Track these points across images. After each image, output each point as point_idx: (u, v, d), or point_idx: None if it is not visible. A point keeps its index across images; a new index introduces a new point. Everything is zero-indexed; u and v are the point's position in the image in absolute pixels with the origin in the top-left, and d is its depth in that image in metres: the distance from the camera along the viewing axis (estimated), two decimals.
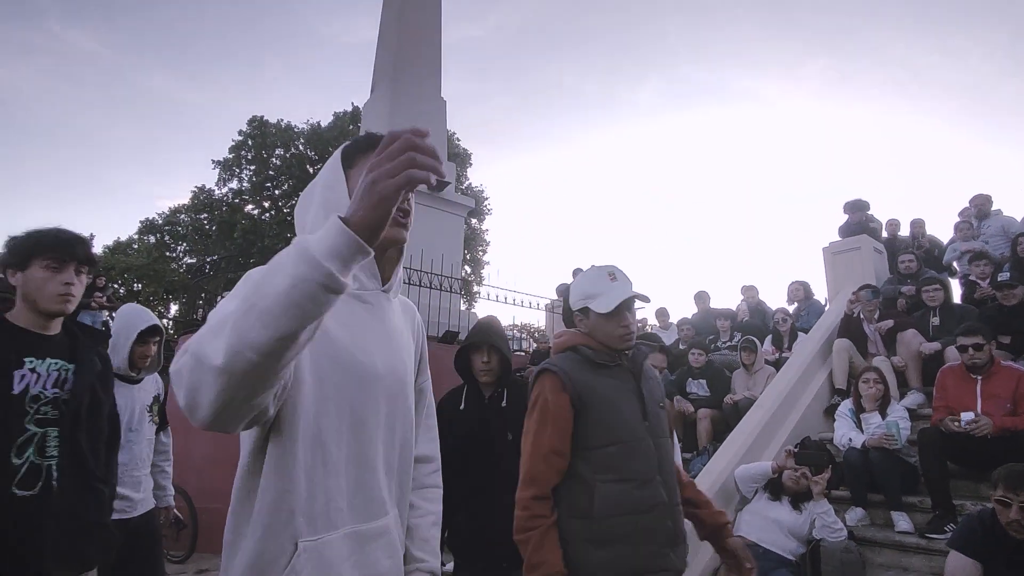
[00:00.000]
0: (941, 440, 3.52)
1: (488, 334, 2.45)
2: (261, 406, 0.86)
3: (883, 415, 3.94)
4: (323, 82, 44.56)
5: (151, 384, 2.80)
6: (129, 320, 2.61)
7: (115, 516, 2.40)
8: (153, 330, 2.63)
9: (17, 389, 1.66)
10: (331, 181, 1.14)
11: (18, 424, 1.64)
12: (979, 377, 3.71)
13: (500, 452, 2.33)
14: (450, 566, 2.64)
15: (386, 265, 1.17)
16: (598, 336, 1.84)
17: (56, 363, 1.76)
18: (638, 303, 1.91)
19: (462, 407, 2.45)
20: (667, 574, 1.68)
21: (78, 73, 40.94)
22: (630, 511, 1.67)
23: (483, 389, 2.49)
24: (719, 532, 1.89)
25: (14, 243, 1.76)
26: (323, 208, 1.12)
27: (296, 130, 22.91)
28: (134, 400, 2.63)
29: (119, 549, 2.40)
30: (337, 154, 1.17)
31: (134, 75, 41.61)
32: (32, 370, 1.70)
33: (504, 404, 2.44)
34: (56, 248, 1.73)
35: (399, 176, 0.76)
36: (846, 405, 4.24)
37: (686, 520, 1.87)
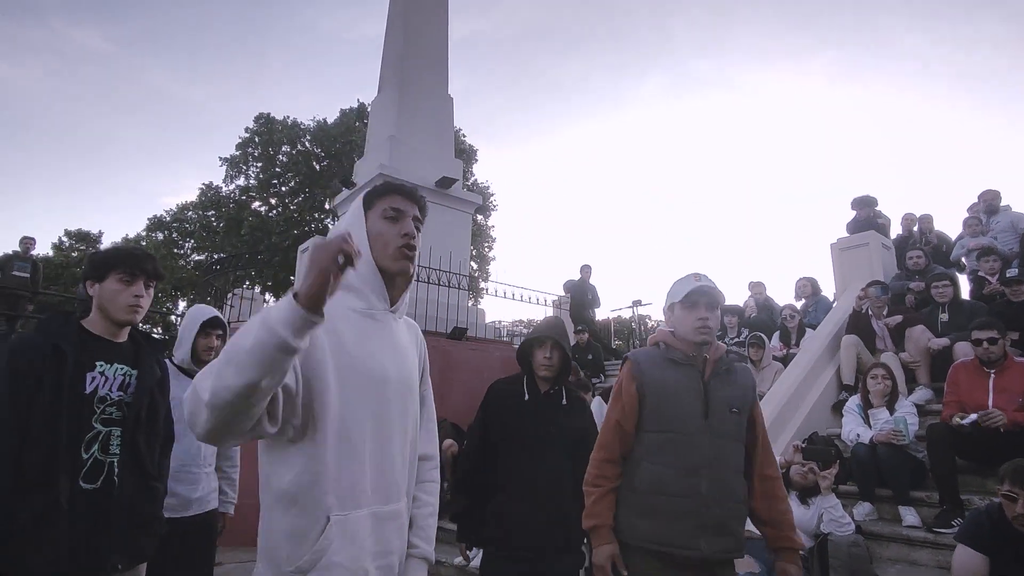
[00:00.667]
0: (950, 435, 3.53)
1: (552, 330, 2.53)
2: (245, 429, 1.09)
3: (891, 411, 3.96)
4: (329, 79, 44.69)
5: None
6: (193, 315, 2.71)
7: (166, 514, 2.43)
8: (215, 322, 2.70)
9: (88, 389, 1.81)
10: (352, 221, 1.39)
11: (87, 422, 1.79)
12: (992, 372, 3.72)
13: (549, 447, 2.39)
14: (476, 561, 2.69)
15: (395, 291, 1.40)
16: (679, 329, 2.06)
17: (122, 368, 1.90)
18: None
19: (526, 397, 2.48)
20: (691, 552, 1.85)
21: (82, 71, 41.25)
22: (666, 493, 1.89)
23: (540, 384, 2.52)
24: (776, 553, 2.05)
25: (94, 258, 1.96)
26: None
27: (302, 127, 22.95)
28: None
29: (170, 548, 2.39)
30: (359, 200, 1.43)
31: (138, 73, 41.91)
32: (101, 373, 1.85)
33: (564, 402, 2.51)
34: (129, 263, 1.90)
35: (315, 268, 1.03)
36: (854, 401, 4.25)
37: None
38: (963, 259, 6.46)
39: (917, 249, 6.35)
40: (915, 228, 7.48)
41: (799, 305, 6.85)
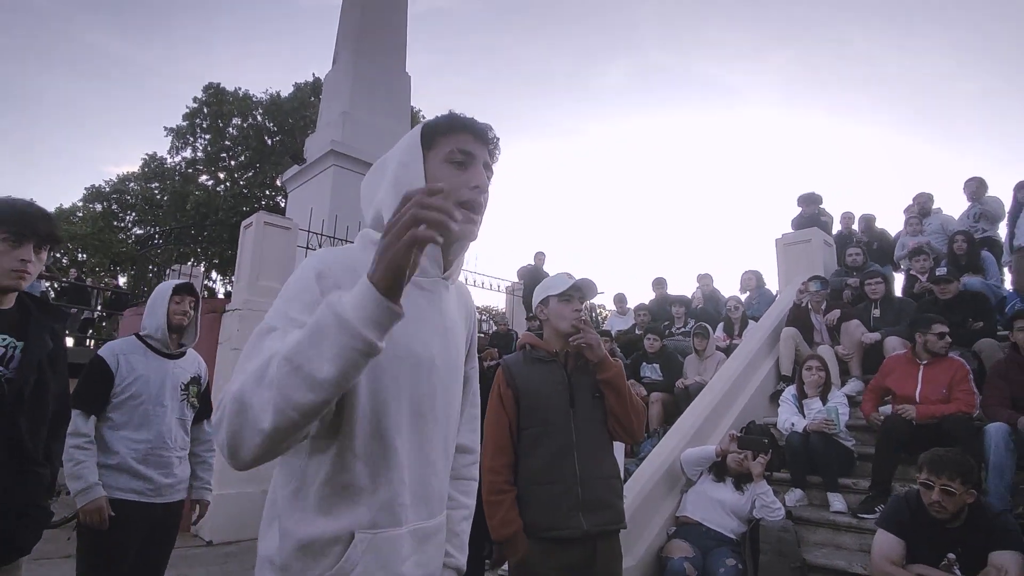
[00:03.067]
0: (904, 430, 3.66)
1: None
2: (290, 447, 0.87)
3: (824, 401, 4.11)
4: (283, 49, 43.07)
5: (191, 364, 2.66)
6: (163, 286, 2.63)
7: (133, 498, 2.34)
8: (187, 288, 2.62)
9: None
10: (407, 160, 1.09)
11: None
12: (923, 363, 3.90)
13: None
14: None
15: (451, 254, 1.12)
16: (554, 320, 2.21)
17: (4, 339, 1.66)
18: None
19: None
20: (569, 531, 1.99)
21: (8, 20, 38.29)
22: (542, 481, 2.05)
23: (482, 361, 2.52)
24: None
25: None
26: (394, 187, 1.06)
27: (255, 99, 22.07)
28: (165, 374, 2.50)
29: (136, 532, 2.34)
30: (417, 131, 1.11)
31: (75, 28, 39.27)
32: None
33: None
34: (17, 223, 1.64)
35: (404, 239, 0.77)
36: (790, 391, 4.40)
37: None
38: (902, 261, 6.75)
39: (856, 246, 6.59)
40: (853, 226, 7.78)
41: (743, 297, 7.04)
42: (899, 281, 6.68)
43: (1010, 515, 2.74)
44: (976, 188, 6.27)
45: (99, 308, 12.12)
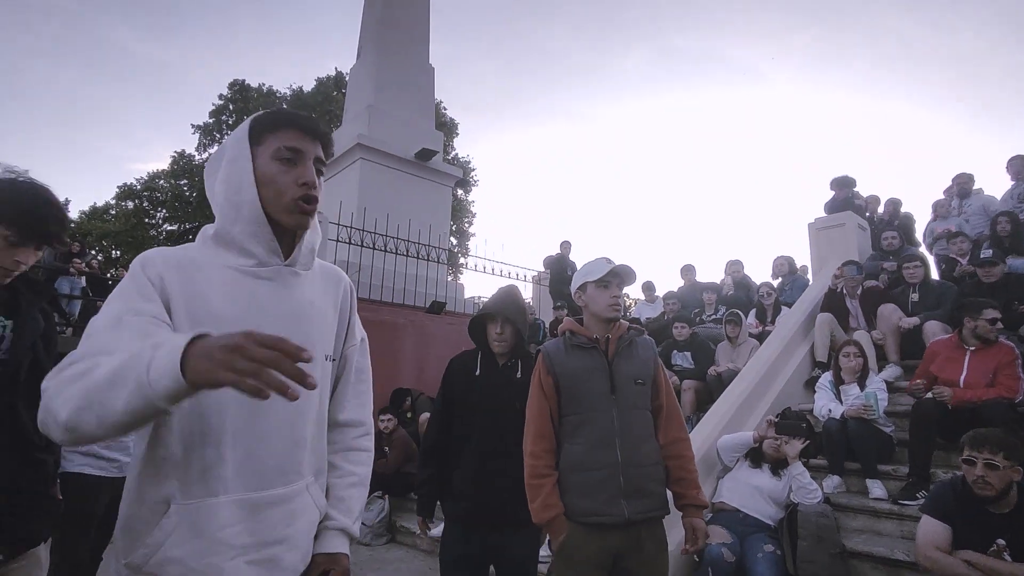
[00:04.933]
0: (936, 413, 3.61)
1: (504, 306, 2.47)
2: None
3: (862, 387, 4.04)
4: (305, 45, 43.41)
5: None
6: None
7: (101, 473, 2.56)
8: None
9: None
10: (235, 156, 1.12)
11: None
12: (970, 349, 3.80)
13: (507, 421, 2.35)
14: (437, 531, 2.68)
15: (289, 242, 1.15)
16: (592, 306, 2.20)
17: None
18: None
19: (478, 372, 2.46)
20: (611, 517, 2.00)
21: (38, 24, 39.20)
22: (585, 468, 2.06)
23: (497, 358, 2.50)
24: (683, 510, 2.18)
25: (5, 197, 1.53)
26: (225, 184, 1.12)
27: (279, 95, 22.37)
28: None
29: (106, 504, 2.53)
30: (245, 126, 1.14)
31: (104, 30, 40.08)
32: None
33: (519, 375, 2.47)
34: (27, 225, 1.53)
35: (220, 375, 0.77)
36: (826, 377, 4.34)
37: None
38: (928, 247, 6.59)
39: (892, 230, 6.44)
40: (879, 209, 7.61)
41: (776, 283, 6.93)
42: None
43: None
44: (1021, 166, 6.07)
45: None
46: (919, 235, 7.17)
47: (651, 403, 2.21)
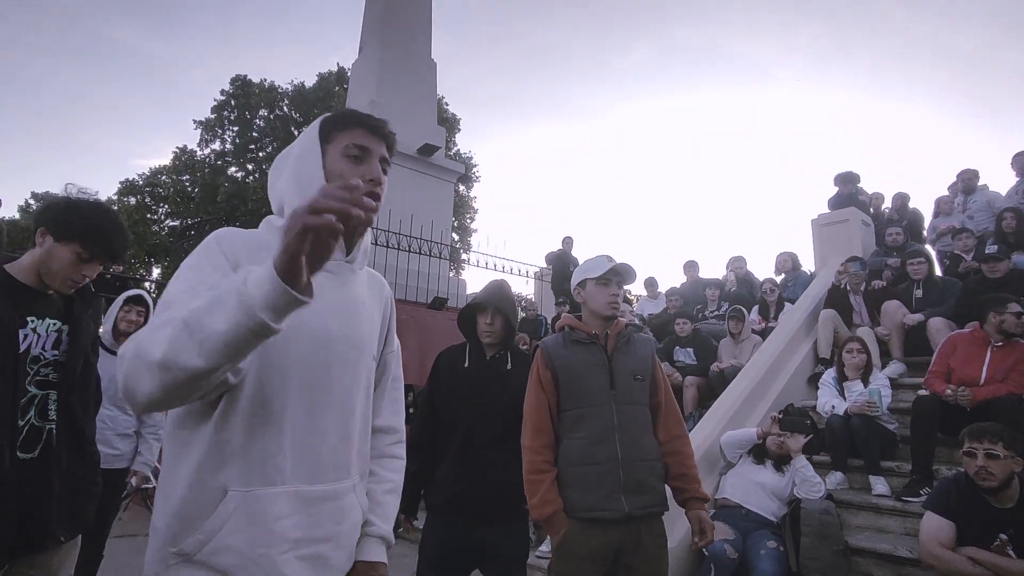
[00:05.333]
0: (937, 409, 3.60)
1: (493, 297, 2.46)
2: (194, 399, 0.95)
3: (865, 383, 4.03)
4: (307, 39, 43.32)
5: None
6: (120, 297, 2.99)
7: (104, 466, 2.57)
8: (138, 299, 2.93)
9: (21, 348, 1.62)
10: (306, 153, 1.16)
11: (21, 385, 1.60)
12: (996, 345, 3.74)
13: (496, 413, 2.33)
14: (418, 523, 2.66)
15: (351, 239, 1.18)
16: (591, 303, 2.21)
17: (54, 324, 1.71)
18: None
19: (466, 364, 2.45)
20: (611, 513, 2.00)
21: (40, 21, 39.12)
22: (584, 463, 2.05)
23: (485, 350, 2.48)
24: (685, 504, 2.18)
25: (63, 215, 1.68)
26: (294, 181, 1.15)
27: (280, 91, 22.31)
28: (112, 370, 2.68)
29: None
30: (316, 125, 1.18)
31: (101, 25, 40.01)
32: (33, 330, 1.65)
33: (509, 367, 2.45)
34: (98, 246, 1.69)
35: (297, 225, 0.79)
36: (829, 374, 4.33)
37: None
38: (932, 244, 6.56)
39: (896, 226, 6.42)
40: (884, 206, 7.57)
41: (779, 279, 6.92)
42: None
43: None
44: None
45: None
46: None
47: (649, 400, 2.21)
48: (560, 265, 9.60)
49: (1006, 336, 3.73)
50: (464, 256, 17.69)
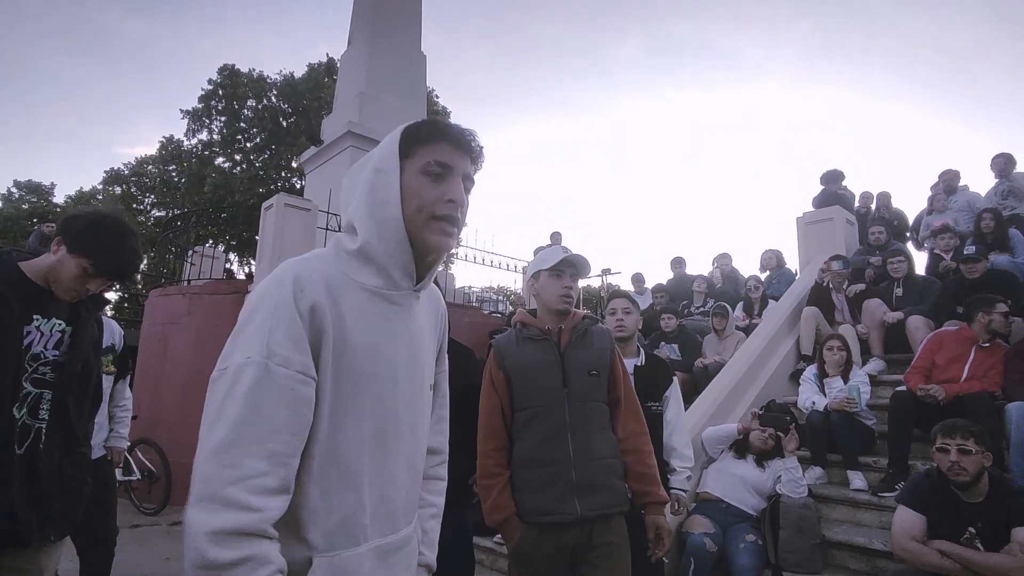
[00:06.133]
0: (913, 404, 3.67)
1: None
2: None
3: (845, 380, 4.10)
4: (296, 29, 42.85)
5: (105, 334, 2.79)
6: None
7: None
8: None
9: (23, 344, 1.65)
10: (383, 168, 1.04)
11: (19, 381, 1.63)
12: (983, 345, 3.81)
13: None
14: None
15: (424, 267, 1.08)
16: (544, 295, 2.12)
17: (59, 324, 1.74)
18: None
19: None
20: (563, 516, 1.92)
21: (18, 2, 38.23)
22: (535, 464, 1.98)
23: (460, 347, 2.51)
24: (644, 508, 2.09)
25: (82, 229, 1.69)
26: (368, 196, 1.03)
27: (269, 81, 22.07)
28: None
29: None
30: (396, 137, 1.05)
31: (87, 10, 39.31)
32: (37, 328, 1.68)
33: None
34: (107, 267, 1.70)
35: None
36: (810, 370, 4.40)
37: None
38: (926, 242, 6.63)
39: (879, 224, 6.50)
40: (871, 205, 7.65)
41: (763, 277, 6.99)
42: (919, 260, 6.58)
43: None
44: (1004, 164, 6.13)
45: (121, 290, 12.36)
46: (915, 228, 7.20)
47: (608, 395, 2.12)
48: None
49: (992, 335, 3.82)
50: (453, 250, 17.68)
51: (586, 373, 2.06)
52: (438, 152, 1.03)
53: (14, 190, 24.54)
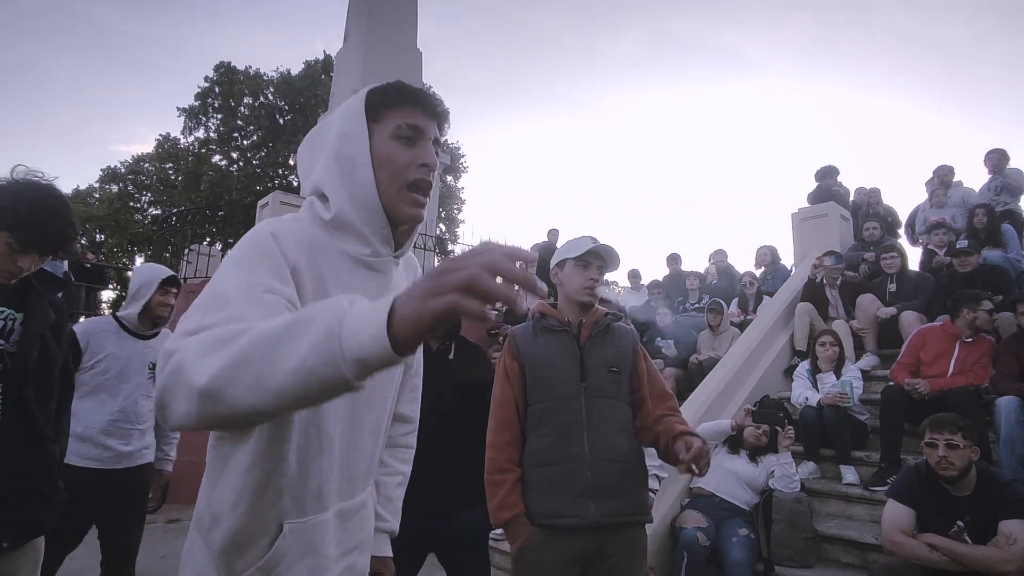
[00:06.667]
0: (902, 399, 3.71)
1: None
2: (234, 431, 0.89)
3: (838, 375, 4.13)
4: (291, 25, 42.70)
5: (161, 343, 2.71)
6: (151, 272, 2.67)
7: (90, 464, 2.42)
8: (172, 280, 2.68)
9: None
10: (350, 132, 1.00)
11: None
12: (967, 340, 3.85)
13: (445, 403, 2.24)
14: None
15: (400, 234, 1.06)
16: (567, 286, 2.02)
17: (3, 311, 1.59)
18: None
19: (451, 356, 2.36)
20: (574, 520, 1.78)
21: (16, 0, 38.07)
22: (548, 463, 1.85)
23: (431, 342, 2.38)
24: (675, 440, 1.83)
25: (14, 205, 1.53)
26: (336, 162, 1.00)
27: (266, 78, 22.03)
28: (133, 354, 2.58)
29: (99, 499, 2.41)
30: (360, 100, 1.02)
31: (81, 6, 39.09)
32: None
33: (451, 357, 2.37)
34: (34, 236, 1.56)
35: (446, 299, 0.60)
36: (803, 366, 4.43)
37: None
38: (919, 234, 6.65)
39: (873, 220, 6.53)
40: (864, 200, 7.66)
41: (758, 273, 7.02)
42: (914, 255, 6.60)
43: (1020, 484, 2.78)
44: (998, 160, 6.16)
45: (117, 288, 12.36)
46: (910, 223, 7.20)
47: (631, 395, 1.99)
48: (545, 257, 9.61)
49: (976, 332, 3.85)
50: (451, 247, 17.67)
51: (606, 369, 1.95)
52: (409, 115, 1.00)
53: None
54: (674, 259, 8.19)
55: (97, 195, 22.50)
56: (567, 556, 1.78)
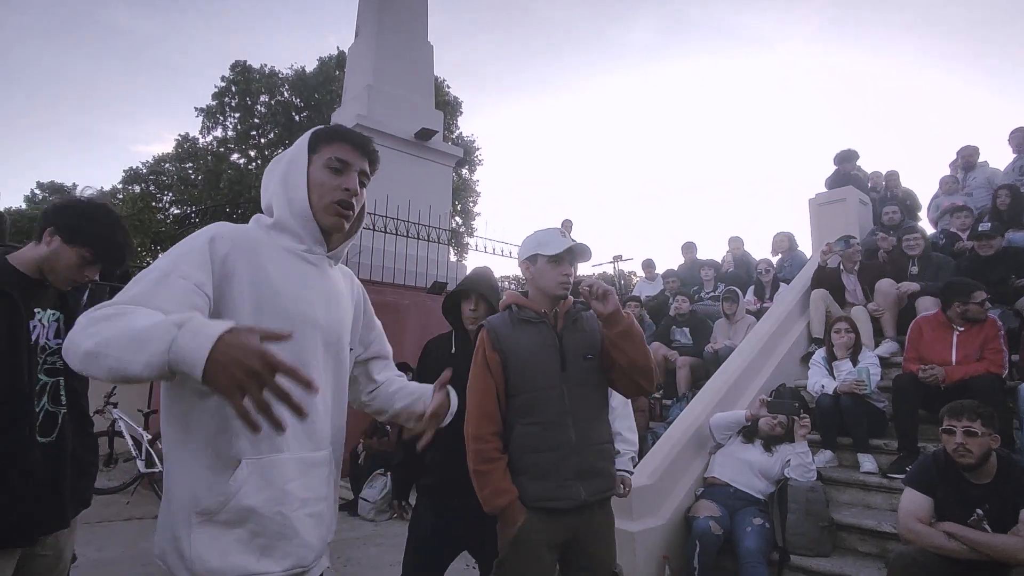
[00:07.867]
0: (916, 386, 3.65)
1: (476, 283, 2.47)
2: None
3: (855, 363, 4.07)
4: (305, 22, 42.90)
5: None
6: None
7: None
8: None
9: (32, 338, 1.71)
10: (294, 158, 1.28)
11: (34, 373, 1.72)
12: (959, 329, 3.77)
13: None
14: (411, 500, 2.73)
15: (332, 242, 1.33)
16: (541, 281, 2.06)
17: (54, 313, 1.80)
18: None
19: (453, 351, 2.46)
20: (567, 501, 1.92)
21: (33, 4, 38.74)
22: (538, 449, 1.95)
23: (471, 336, 2.47)
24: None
25: (74, 217, 1.74)
26: (282, 184, 1.27)
27: (281, 76, 22.21)
28: None
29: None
30: (307, 136, 1.30)
31: (97, 9, 39.69)
32: (40, 321, 1.75)
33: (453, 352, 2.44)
34: (103, 253, 1.76)
35: (232, 386, 0.83)
36: (819, 353, 4.37)
37: None
38: (935, 222, 6.51)
39: (893, 204, 6.39)
40: (882, 184, 7.51)
41: (775, 260, 6.91)
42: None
43: None
44: (1022, 139, 5.97)
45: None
46: (924, 209, 7.08)
47: (610, 372, 2.08)
48: None
49: (969, 322, 3.76)
50: (466, 240, 17.70)
51: (582, 357, 2.05)
52: (339, 151, 1.28)
53: (37, 191, 25.09)
54: (689, 248, 8.11)
55: (120, 196, 22.94)
56: (558, 533, 1.94)
